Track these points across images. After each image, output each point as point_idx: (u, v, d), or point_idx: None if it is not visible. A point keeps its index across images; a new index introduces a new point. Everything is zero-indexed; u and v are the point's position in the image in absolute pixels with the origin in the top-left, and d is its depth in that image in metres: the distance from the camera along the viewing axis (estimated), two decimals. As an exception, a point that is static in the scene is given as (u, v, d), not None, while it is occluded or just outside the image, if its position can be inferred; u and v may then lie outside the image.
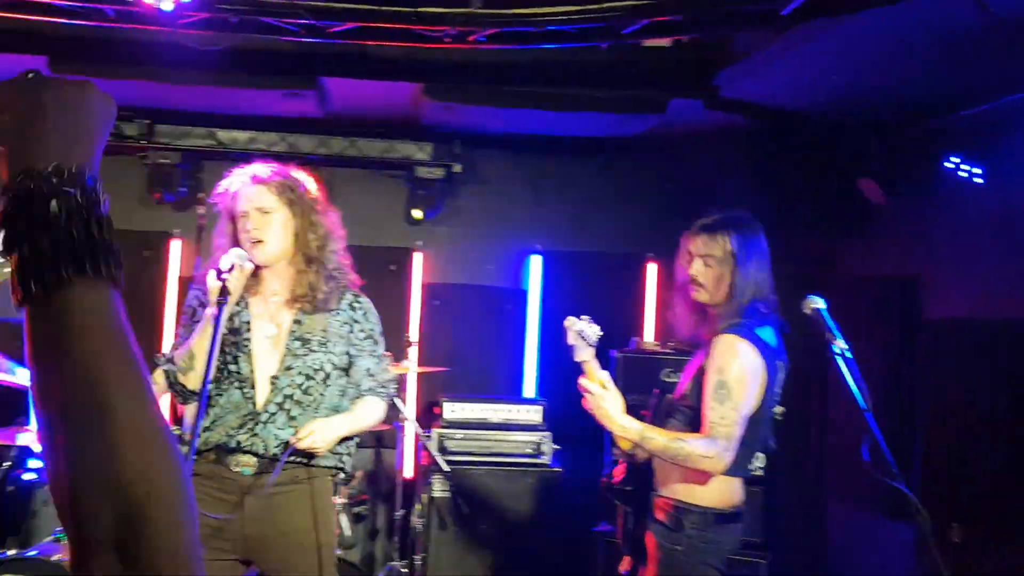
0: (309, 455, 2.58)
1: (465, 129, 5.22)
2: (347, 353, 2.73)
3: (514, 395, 5.32)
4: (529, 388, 5.53)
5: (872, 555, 4.73)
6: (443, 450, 4.72)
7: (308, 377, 2.64)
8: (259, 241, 2.61)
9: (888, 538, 4.54)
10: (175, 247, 5.40)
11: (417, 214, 5.33)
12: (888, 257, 4.74)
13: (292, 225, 2.68)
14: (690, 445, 2.65)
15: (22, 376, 3.92)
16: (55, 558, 3.55)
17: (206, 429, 2.60)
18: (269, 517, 2.58)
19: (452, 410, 4.85)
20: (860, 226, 4.70)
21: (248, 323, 2.68)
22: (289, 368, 2.63)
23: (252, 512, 2.56)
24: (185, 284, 5.42)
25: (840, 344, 2.59)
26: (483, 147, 5.56)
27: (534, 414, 4.88)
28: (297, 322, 2.67)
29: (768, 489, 4.43)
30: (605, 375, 2.83)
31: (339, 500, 4.61)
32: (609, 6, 3.14)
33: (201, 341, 2.50)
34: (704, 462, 2.64)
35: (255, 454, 2.58)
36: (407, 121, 5.02)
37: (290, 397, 2.62)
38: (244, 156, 5.25)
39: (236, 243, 2.64)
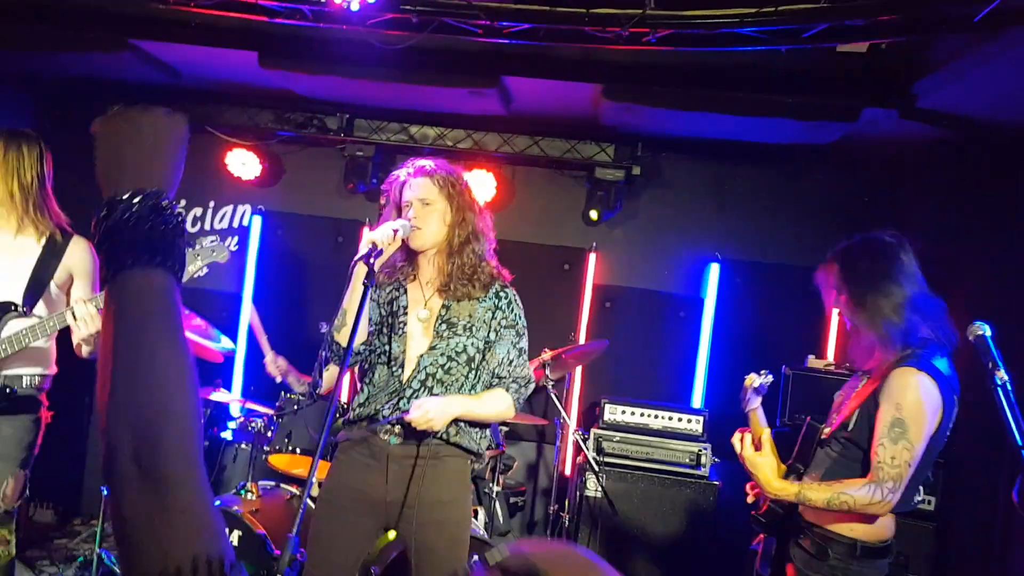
0: (439, 435, 2.72)
1: (648, 132, 5.19)
2: (487, 339, 2.83)
3: (679, 403, 5.22)
4: (697, 398, 5.42)
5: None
6: (600, 451, 4.73)
7: (450, 358, 2.77)
8: (418, 228, 2.76)
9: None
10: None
11: (594, 215, 5.36)
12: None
13: (449, 218, 2.81)
14: (854, 496, 2.52)
15: (225, 343, 4.32)
16: (233, 509, 3.91)
17: (360, 405, 2.81)
18: (408, 487, 2.73)
19: (612, 412, 4.84)
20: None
21: (405, 308, 2.84)
22: (434, 348, 2.77)
23: (395, 480, 2.73)
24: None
25: (1002, 375, 2.37)
26: (666, 150, 5.50)
27: (695, 424, 4.78)
28: (446, 307, 2.81)
29: (940, 529, 4.12)
30: (767, 432, 2.80)
31: (496, 488, 4.75)
32: (787, 9, 3.03)
33: (351, 300, 2.65)
34: (870, 508, 2.54)
35: (401, 425, 2.72)
36: (589, 122, 5.06)
37: (432, 376, 2.75)
38: (433, 151, 5.55)
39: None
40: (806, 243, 5.39)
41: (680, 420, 4.80)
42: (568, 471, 5.21)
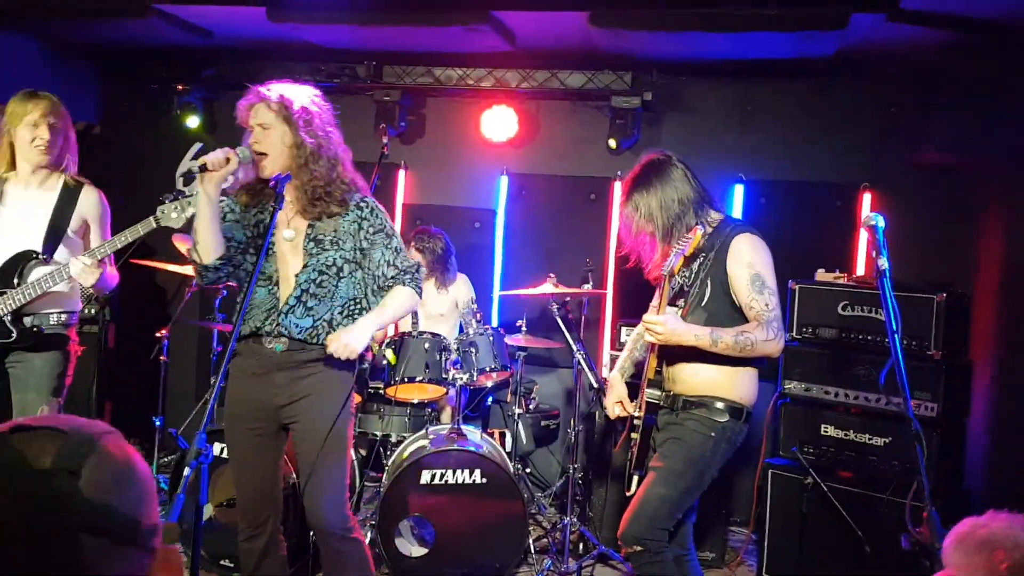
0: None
1: (659, 57, 5.21)
2: (359, 248, 3.01)
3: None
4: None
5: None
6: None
7: (321, 273, 2.96)
8: (260, 153, 2.90)
9: None
10: (400, 176, 6.04)
11: (613, 143, 5.43)
12: None
13: (288, 140, 2.90)
14: (755, 334, 2.86)
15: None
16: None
17: (243, 322, 2.96)
18: (295, 389, 2.95)
19: (628, 334, 4.95)
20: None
21: (271, 228, 2.91)
22: (307, 266, 2.96)
23: (281, 383, 2.94)
24: (408, 209, 6.07)
25: (883, 263, 2.51)
26: (684, 74, 5.50)
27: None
28: (311, 226, 2.99)
29: (945, 435, 4.08)
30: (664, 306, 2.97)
31: (518, 410, 4.98)
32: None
33: (198, 220, 2.86)
34: (768, 346, 2.88)
35: (285, 336, 2.94)
36: (603, 53, 5.12)
37: (306, 291, 2.95)
38: (458, 91, 5.75)
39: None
40: (827, 158, 5.32)
41: (695, 339, 4.87)
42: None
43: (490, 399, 5.52)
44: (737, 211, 5.46)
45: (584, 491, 4.95)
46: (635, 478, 3.11)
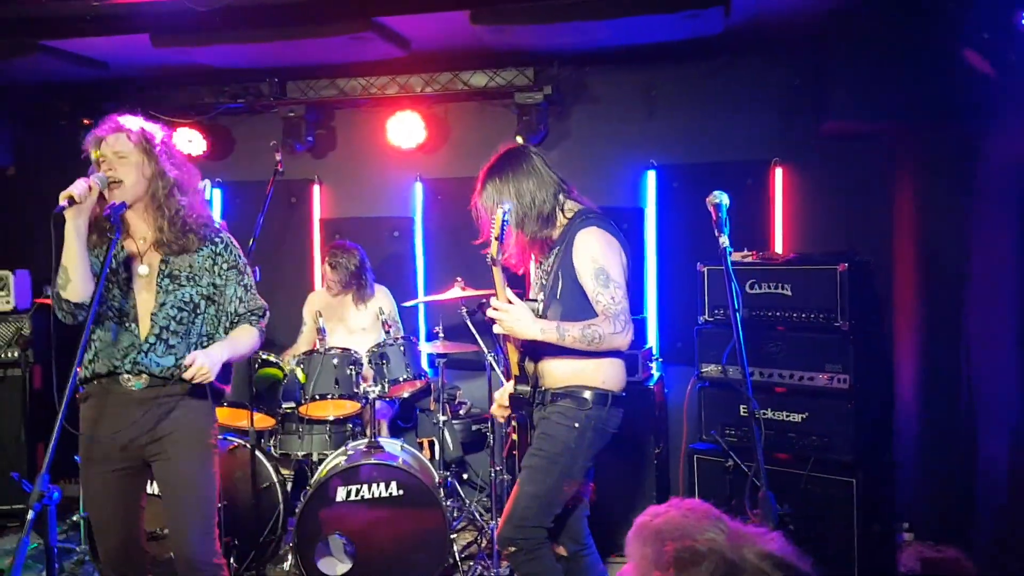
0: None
1: (564, 49, 5.17)
2: (213, 284, 2.99)
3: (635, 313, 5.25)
4: (650, 308, 5.43)
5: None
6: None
7: (180, 309, 2.92)
8: (116, 181, 2.84)
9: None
10: (315, 192, 5.98)
11: (520, 140, 5.38)
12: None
13: (148, 171, 2.89)
14: (601, 327, 2.84)
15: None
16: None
17: (90, 361, 2.91)
18: (158, 423, 2.89)
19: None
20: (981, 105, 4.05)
21: (125, 264, 2.95)
22: (163, 304, 2.91)
23: (142, 420, 2.87)
24: (325, 224, 6.00)
25: (724, 240, 2.49)
26: (588, 65, 5.46)
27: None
28: (165, 261, 2.94)
29: (859, 408, 4.05)
30: (509, 291, 2.89)
31: (442, 417, 4.93)
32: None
33: (67, 254, 2.75)
34: (616, 339, 2.86)
35: (144, 374, 2.88)
36: (501, 49, 5.07)
37: (166, 328, 2.90)
38: (364, 101, 5.69)
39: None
40: (735, 137, 5.28)
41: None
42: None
43: (419, 409, 5.48)
44: (651, 198, 5.43)
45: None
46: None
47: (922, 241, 4.83)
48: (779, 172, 5.21)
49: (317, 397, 4.41)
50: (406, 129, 5.53)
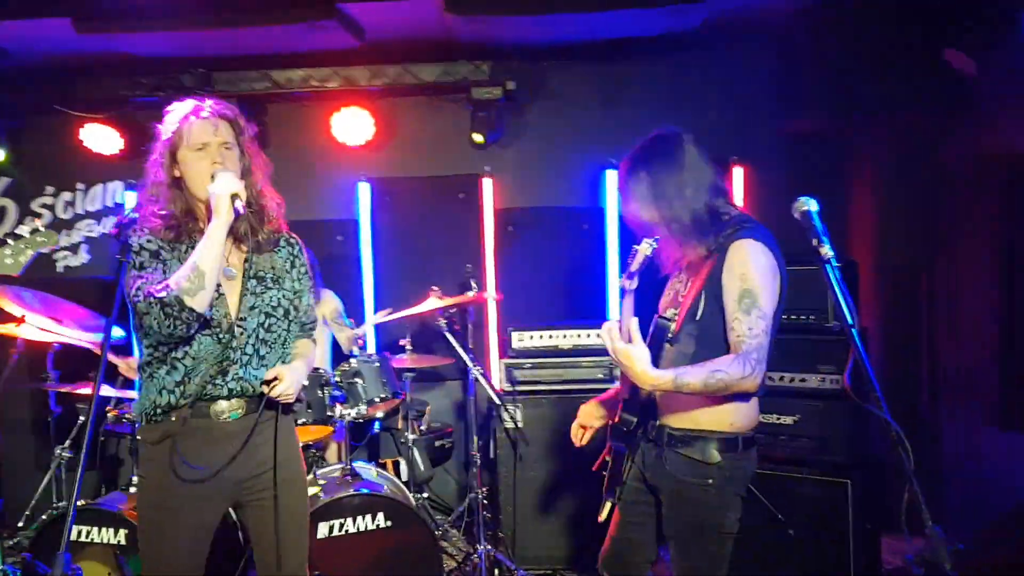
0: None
1: (522, 43, 4.92)
2: (293, 289, 2.64)
3: (591, 319, 5.06)
4: (613, 309, 5.27)
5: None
6: (513, 381, 4.57)
7: (268, 315, 2.54)
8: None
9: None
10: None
11: (478, 138, 5.11)
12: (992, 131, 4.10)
13: (244, 163, 2.54)
14: (728, 372, 2.32)
15: (116, 332, 4.09)
16: (117, 508, 3.72)
17: (177, 384, 2.46)
18: (252, 458, 2.52)
19: (520, 339, 4.66)
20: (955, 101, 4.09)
21: None
22: (253, 307, 2.52)
23: (240, 457, 2.48)
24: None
25: (827, 251, 2.20)
26: (548, 59, 5.23)
27: (606, 337, 4.62)
28: (248, 261, 2.55)
29: (856, 407, 4.00)
30: (635, 322, 2.38)
31: (411, 436, 4.61)
32: None
33: (208, 256, 2.34)
34: (744, 383, 2.34)
35: (243, 397, 2.50)
36: (459, 41, 4.77)
37: (258, 337, 2.52)
38: (302, 95, 5.26)
39: (176, 181, 2.52)
40: (702, 135, 5.16)
41: (590, 336, 4.65)
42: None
43: (377, 426, 5.11)
44: (612, 198, 5.25)
45: (492, 510, 4.64)
46: (607, 505, 2.74)
47: (877, 241, 4.89)
48: (738, 170, 5.16)
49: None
50: (352, 125, 5.15)
